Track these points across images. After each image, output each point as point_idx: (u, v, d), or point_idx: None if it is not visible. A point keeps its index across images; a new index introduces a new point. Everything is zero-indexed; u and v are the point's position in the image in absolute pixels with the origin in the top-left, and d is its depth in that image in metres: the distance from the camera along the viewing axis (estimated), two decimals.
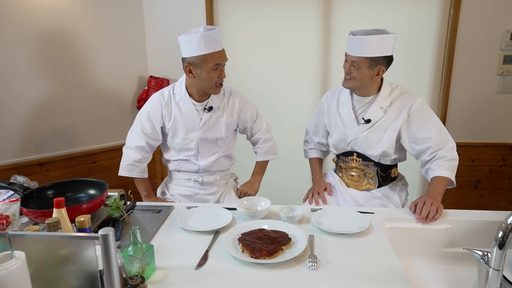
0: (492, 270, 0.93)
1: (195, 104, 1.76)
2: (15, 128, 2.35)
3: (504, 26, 2.55)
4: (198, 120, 1.77)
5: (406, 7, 2.64)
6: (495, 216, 1.45)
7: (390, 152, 1.69)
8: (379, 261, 1.17)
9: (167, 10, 2.81)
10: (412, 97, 1.66)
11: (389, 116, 1.66)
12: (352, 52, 1.59)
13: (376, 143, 1.69)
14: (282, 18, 2.76)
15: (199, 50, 1.60)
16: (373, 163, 1.74)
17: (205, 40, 1.59)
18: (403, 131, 1.65)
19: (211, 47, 1.60)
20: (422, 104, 1.64)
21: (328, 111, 1.85)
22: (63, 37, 2.45)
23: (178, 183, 1.90)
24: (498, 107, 2.69)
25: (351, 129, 1.72)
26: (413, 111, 1.63)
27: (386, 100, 1.66)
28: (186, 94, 1.75)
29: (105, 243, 0.76)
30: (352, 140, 1.73)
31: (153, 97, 1.80)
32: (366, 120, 1.67)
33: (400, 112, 1.65)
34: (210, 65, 1.62)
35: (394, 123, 1.66)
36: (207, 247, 1.25)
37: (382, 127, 1.67)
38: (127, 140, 1.85)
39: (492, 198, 2.86)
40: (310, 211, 1.52)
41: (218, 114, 1.80)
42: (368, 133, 1.69)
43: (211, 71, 1.64)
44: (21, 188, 1.41)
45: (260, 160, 2.00)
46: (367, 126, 1.68)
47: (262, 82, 2.89)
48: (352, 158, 1.78)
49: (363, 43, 1.55)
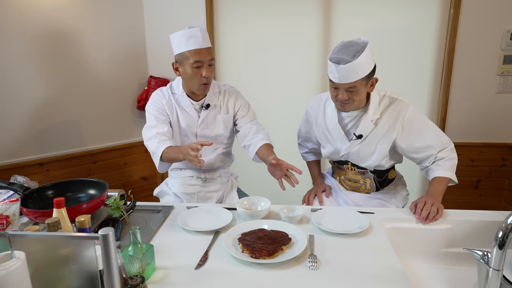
0: (492, 270, 0.93)
1: (193, 103, 1.78)
2: (15, 128, 2.35)
3: (504, 26, 2.55)
4: (197, 117, 1.79)
5: (406, 7, 2.63)
6: (495, 216, 1.45)
7: (384, 163, 1.67)
8: (379, 261, 1.17)
9: (167, 10, 2.81)
10: (402, 105, 1.58)
11: (380, 128, 1.60)
12: (346, 80, 1.45)
13: (368, 156, 1.66)
14: (282, 17, 2.76)
15: (181, 47, 1.64)
16: (369, 171, 1.73)
17: (186, 37, 1.62)
18: (401, 143, 1.60)
19: (191, 45, 1.62)
20: (414, 112, 1.58)
21: (316, 122, 1.78)
22: (62, 37, 2.45)
23: (180, 182, 1.90)
24: (498, 107, 2.69)
25: (342, 143, 1.67)
26: (406, 121, 1.57)
27: (376, 112, 1.58)
28: (184, 93, 1.77)
29: (105, 243, 0.76)
30: (344, 154, 1.70)
31: (154, 94, 1.80)
32: (358, 136, 1.62)
33: (392, 125, 1.58)
34: (191, 61, 1.63)
35: (386, 137, 1.60)
36: (207, 247, 1.25)
37: (373, 141, 1.62)
38: (146, 134, 1.73)
39: (492, 198, 2.86)
40: (310, 211, 1.52)
41: (215, 111, 1.81)
42: (360, 147, 1.65)
43: (192, 69, 1.64)
44: (21, 188, 1.41)
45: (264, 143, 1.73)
46: (359, 141, 1.64)
47: (261, 82, 2.89)
48: (347, 167, 1.77)
49: (354, 68, 1.42)
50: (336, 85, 1.51)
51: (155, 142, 1.66)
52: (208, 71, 1.66)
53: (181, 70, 1.69)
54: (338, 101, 1.55)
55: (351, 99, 1.52)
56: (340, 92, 1.51)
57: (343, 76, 1.45)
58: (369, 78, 1.51)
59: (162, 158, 1.64)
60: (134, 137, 2.92)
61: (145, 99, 2.79)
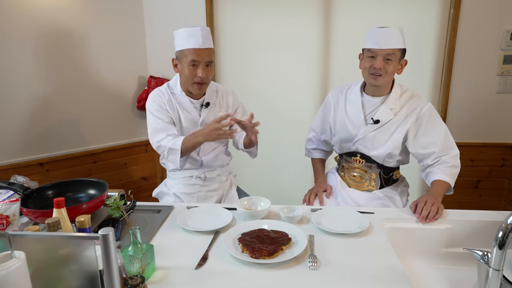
0: (492, 270, 0.93)
1: (193, 102, 1.79)
2: (15, 128, 2.35)
3: (504, 26, 2.55)
4: (197, 116, 1.80)
5: (406, 7, 2.63)
6: (495, 216, 1.45)
7: (396, 154, 1.69)
8: (379, 261, 1.17)
9: (167, 9, 2.81)
10: (422, 101, 1.66)
11: (398, 119, 1.65)
12: (385, 45, 1.56)
13: (382, 144, 1.68)
14: (282, 17, 2.76)
15: (181, 44, 1.67)
16: (376, 165, 1.74)
17: (186, 35, 1.65)
18: (410, 134, 1.64)
19: (190, 44, 1.65)
20: (431, 109, 1.64)
21: (335, 108, 1.82)
22: (62, 37, 2.45)
23: (179, 182, 1.90)
24: (498, 107, 2.69)
25: (358, 128, 1.71)
26: (422, 115, 1.63)
27: (396, 102, 1.66)
28: (183, 92, 1.78)
29: (105, 243, 0.76)
30: (358, 140, 1.72)
31: (153, 95, 1.79)
32: (375, 120, 1.66)
33: (409, 115, 1.64)
34: (188, 60, 1.66)
35: (402, 126, 1.65)
36: (207, 247, 1.25)
37: (390, 129, 1.67)
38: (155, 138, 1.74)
39: (492, 198, 2.86)
40: (310, 211, 1.52)
41: (215, 110, 1.83)
42: (375, 133, 1.68)
43: (188, 67, 1.67)
44: (21, 188, 1.41)
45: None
46: (375, 127, 1.67)
47: (261, 82, 2.89)
48: (355, 159, 1.78)
49: (396, 34, 1.56)
50: (374, 52, 1.58)
51: (170, 139, 1.68)
52: (204, 71, 1.66)
53: (179, 67, 1.72)
54: (373, 71, 1.60)
55: (385, 70, 1.58)
56: (377, 60, 1.58)
57: (385, 40, 1.55)
58: (403, 55, 1.62)
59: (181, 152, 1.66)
60: (134, 137, 2.92)
61: (145, 99, 2.77)
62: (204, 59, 1.66)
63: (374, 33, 1.58)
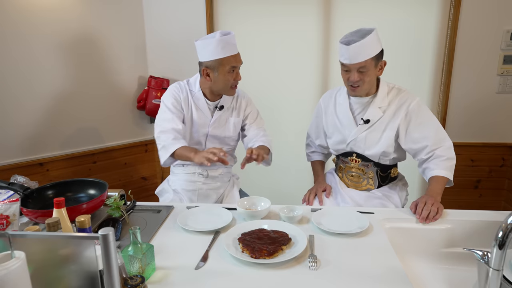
0: (492, 270, 0.93)
1: (208, 103, 1.81)
2: (15, 128, 2.35)
3: (504, 26, 2.55)
4: (210, 117, 1.82)
5: (406, 7, 2.63)
6: (495, 216, 1.45)
7: (390, 151, 1.69)
8: (379, 261, 1.17)
9: (167, 10, 2.81)
10: (409, 95, 1.66)
11: (387, 116, 1.66)
12: (356, 59, 1.55)
13: (375, 143, 1.69)
14: (282, 17, 2.76)
15: (216, 54, 1.67)
16: (372, 163, 1.74)
17: (222, 44, 1.65)
18: (401, 130, 1.65)
19: (227, 51, 1.67)
20: (419, 103, 1.65)
21: (325, 112, 1.85)
22: (62, 37, 2.45)
23: (181, 178, 1.91)
24: (498, 107, 2.69)
25: (350, 130, 1.72)
26: (410, 110, 1.63)
27: (384, 100, 1.66)
28: (200, 92, 1.80)
29: (105, 243, 0.76)
30: (351, 141, 1.73)
31: (172, 87, 1.82)
32: (365, 120, 1.67)
33: (397, 111, 1.65)
34: (227, 68, 1.68)
35: (392, 122, 1.66)
36: (207, 247, 1.25)
37: (380, 127, 1.68)
38: (160, 126, 1.73)
39: (492, 198, 2.86)
40: (310, 211, 1.52)
41: (227, 114, 1.86)
42: (367, 133, 1.69)
43: (227, 74, 1.70)
44: (21, 188, 1.41)
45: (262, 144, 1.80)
46: (366, 127, 1.68)
47: (261, 83, 2.89)
48: (352, 159, 1.78)
49: (363, 46, 1.53)
50: (347, 67, 1.59)
51: (170, 138, 1.68)
52: (239, 74, 1.74)
53: (214, 75, 1.71)
54: (350, 84, 1.62)
55: (362, 80, 1.59)
56: (351, 73, 1.59)
57: (353, 55, 1.54)
58: (378, 60, 1.60)
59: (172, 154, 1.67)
60: (134, 137, 2.92)
61: (145, 99, 2.79)
62: (239, 63, 1.72)
63: (343, 49, 1.56)
